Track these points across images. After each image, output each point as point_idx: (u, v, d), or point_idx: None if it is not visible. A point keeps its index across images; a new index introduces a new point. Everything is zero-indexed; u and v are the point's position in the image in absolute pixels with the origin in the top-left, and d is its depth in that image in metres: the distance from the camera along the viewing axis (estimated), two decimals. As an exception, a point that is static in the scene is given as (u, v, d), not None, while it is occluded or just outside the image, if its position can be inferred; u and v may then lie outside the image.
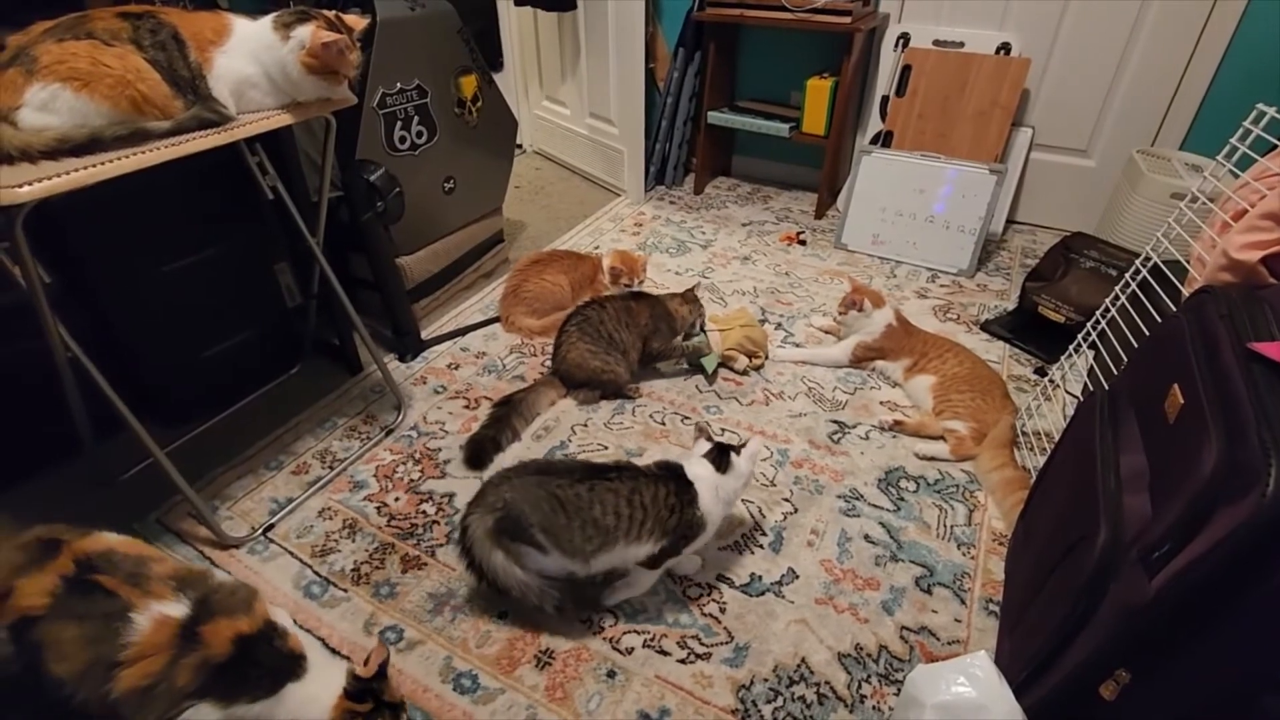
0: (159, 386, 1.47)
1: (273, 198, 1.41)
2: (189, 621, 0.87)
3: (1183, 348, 0.83)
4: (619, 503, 1.08)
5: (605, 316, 1.63)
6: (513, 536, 1.07)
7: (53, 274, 1.23)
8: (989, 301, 2.09)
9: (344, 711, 0.88)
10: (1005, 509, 1.33)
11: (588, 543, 1.07)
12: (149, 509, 1.34)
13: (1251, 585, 0.63)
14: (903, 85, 2.40)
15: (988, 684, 0.81)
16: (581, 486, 1.08)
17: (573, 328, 1.62)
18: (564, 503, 1.06)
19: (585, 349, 1.60)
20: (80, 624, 0.84)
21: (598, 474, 1.11)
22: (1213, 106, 2.15)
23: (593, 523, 1.07)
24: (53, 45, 0.92)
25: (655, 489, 1.10)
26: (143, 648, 0.84)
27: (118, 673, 0.82)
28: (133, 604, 0.86)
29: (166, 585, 0.90)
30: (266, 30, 1.10)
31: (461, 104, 1.89)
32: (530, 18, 2.95)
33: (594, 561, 1.09)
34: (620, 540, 1.08)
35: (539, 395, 1.61)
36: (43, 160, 0.89)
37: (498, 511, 1.07)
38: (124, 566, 0.90)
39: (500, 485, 1.10)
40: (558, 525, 1.06)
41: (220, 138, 1.05)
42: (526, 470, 1.12)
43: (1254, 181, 1.01)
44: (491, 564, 1.07)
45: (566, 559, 1.08)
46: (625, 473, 1.12)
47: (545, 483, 1.08)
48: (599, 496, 1.08)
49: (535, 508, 1.06)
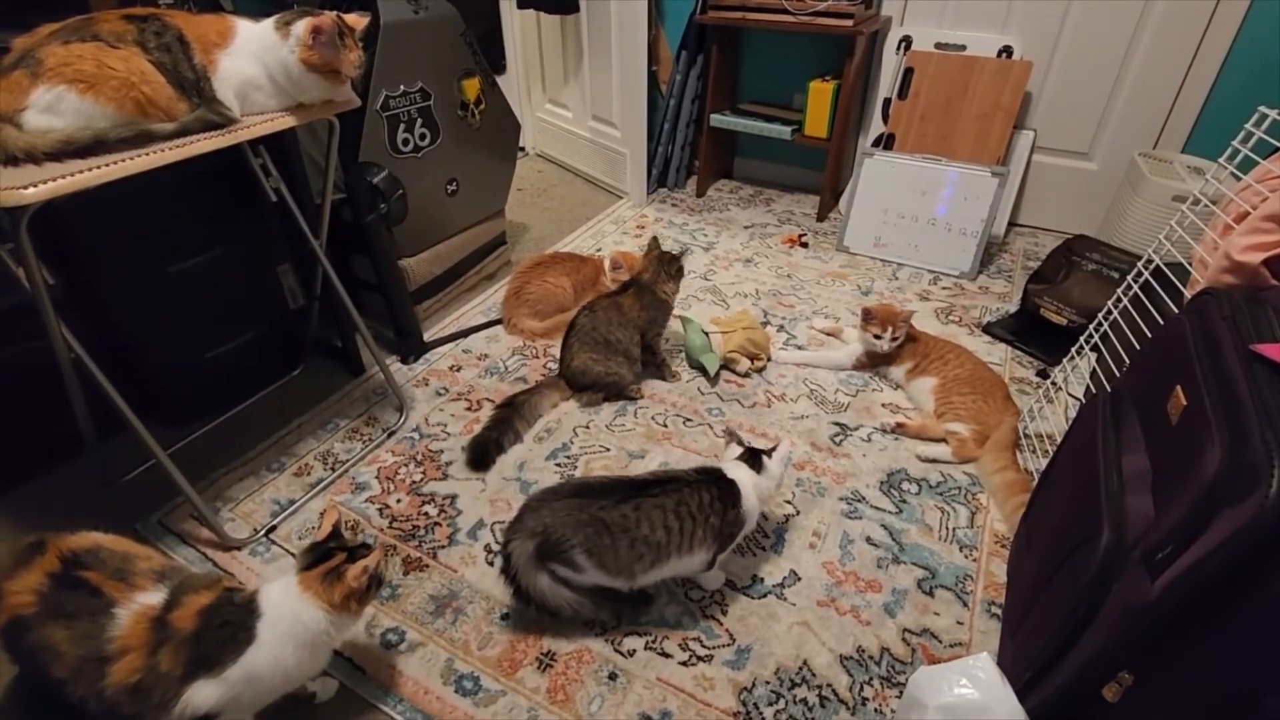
0: (162, 387, 1.47)
1: (276, 200, 1.42)
2: (163, 609, 0.88)
3: (1185, 349, 0.83)
4: (667, 517, 1.07)
5: (598, 321, 1.63)
6: (553, 559, 1.06)
7: (56, 275, 1.24)
8: (991, 304, 2.09)
9: (319, 579, 0.90)
10: (1007, 511, 1.33)
11: (638, 561, 1.06)
12: (151, 510, 1.34)
13: (1254, 586, 0.63)
14: (905, 88, 2.41)
15: (990, 685, 0.80)
16: (626, 506, 1.06)
17: (573, 339, 1.63)
18: (609, 525, 1.05)
19: (587, 358, 1.61)
20: (69, 623, 0.85)
21: (640, 490, 1.09)
22: (1215, 109, 2.15)
23: (643, 540, 1.05)
24: (58, 48, 0.93)
25: (699, 496, 1.09)
26: (125, 642, 0.84)
27: (108, 669, 0.83)
28: (116, 599, 0.87)
29: (149, 578, 0.91)
30: (269, 31, 1.10)
31: (464, 106, 1.89)
32: (533, 20, 2.96)
33: (641, 578, 1.09)
34: (674, 555, 1.07)
35: (542, 397, 1.61)
36: (47, 162, 0.90)
37: (537, 537, 1.05)
38: (110, 562, 0.91)
39: (539, 510, 1.08)
40: (602, 547, 1.05)
41: (224, 140, 1.06)
42: (563, 492, 1.10)
43: (1256, 184, 1.01)
44: (538, 588, 1.06)
45: (610, 577, 1.07)
46: (668, 485, 1.10)
47: (586, 506, 1.06)
48: (645, 514, 1.06)
49: (576, 531, 1.05)
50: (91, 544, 0.93)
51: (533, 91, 3.19)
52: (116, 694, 0.83)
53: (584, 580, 1.08)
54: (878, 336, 1.66)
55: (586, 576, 1.07)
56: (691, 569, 1.12)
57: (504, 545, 1.09)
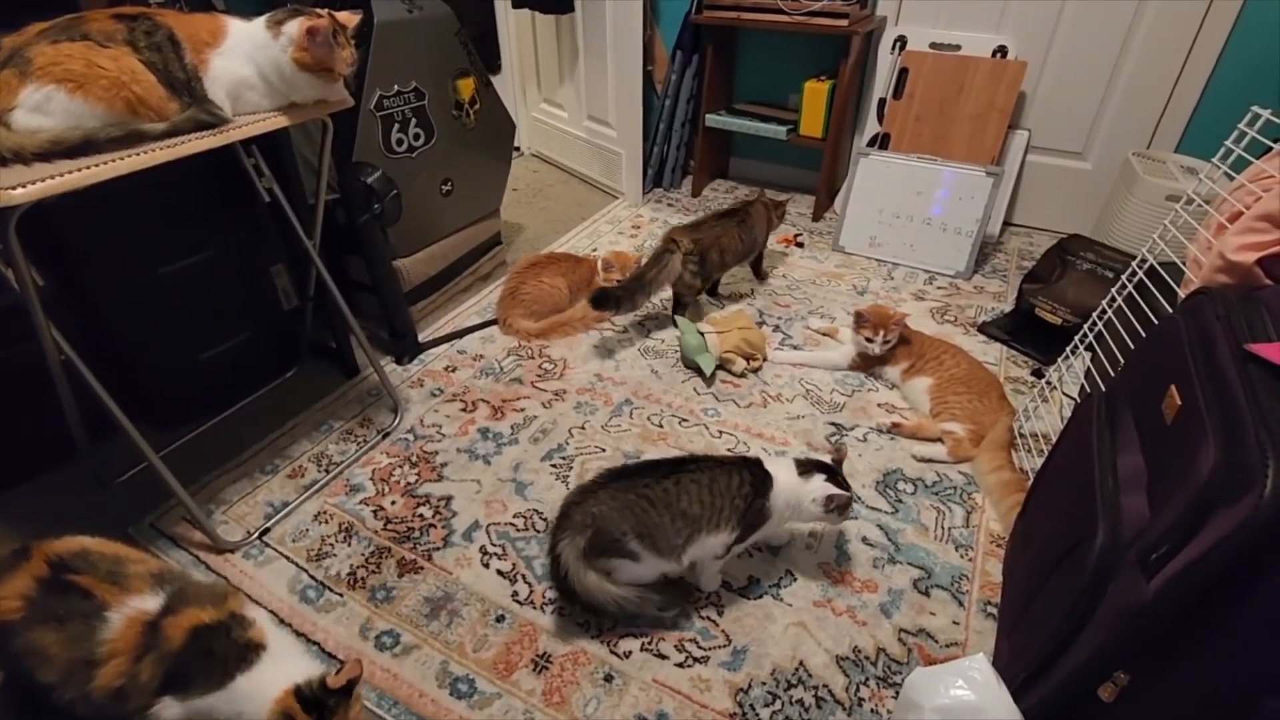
0: (154, 389, 1.46)
1: (269, 200, 1.41)
2: (158, 615, 0.86)
3: (1180, 349, 0.83)
4: (702, 491, 1.10)
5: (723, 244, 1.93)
6: (605, 552, 1.06)
7: (46, 276, 1.22)
8: (986, 303, 2.10)
9: (282, 710, 0.83)
10: (1003, 511, 1.33)
11: (678, 535, 1.08)
12: (144, 513, 1.33)
13: (1250, 586, 0.63)
14: (900, 88, 2.41)
15: (986, 687, 0.80)
16: (668, 481, 1.09)
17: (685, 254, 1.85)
18: (653, 501, 1.07)
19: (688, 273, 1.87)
20: (60, 626, 0.84)
21: (678, 467, 1.12)
22: (1208, 109, 2.16)
23: (681, 514, 1.08)
24: (47, 47, 0.92)
25: (730, 477, 1.12)
26: (115, 645, 0.83)
27: (96, 672, 0.82)
28: (108, 602, 0.86)
29: (145, 581, 0.89)
30: (260, 30, 1.09)
31: (459, 106, 1.89)
32: (528, 20, 2.95)
33: (684, 556, 1.11)
34: (704, 530, 1.10)
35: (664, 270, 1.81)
36: (36, 162, 0.89)
37: (587, 530, 1.06)
38: (101, 565, 0.90)
39: (583, 503, 1.09)
40: (652, 525, 1.07)
41: (216, 140, 1.05)
42: (603, 482, 1.11)
43: (1249, 183, 1.01)
44: (585, 585, 1.06)
45: (661, 559, 1.09)
46: (703, 463, 1.14)
47: (630, 486, 1.09)
48: (684, 488, 1.09)
49: (626, 514, 1.06)
50: (79, 548, 0.92)
51: (528, 91, 3.19)
52: (101, 697, 0.83)
53: (641, 571, 1.09)
54: (870, 340, 1.66)
55: (643, 566, 1.08)
56: (713, 550, 1.13)
57: (551, 546, 1.09)
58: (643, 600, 1.09)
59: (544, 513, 1.35)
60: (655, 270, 1.82)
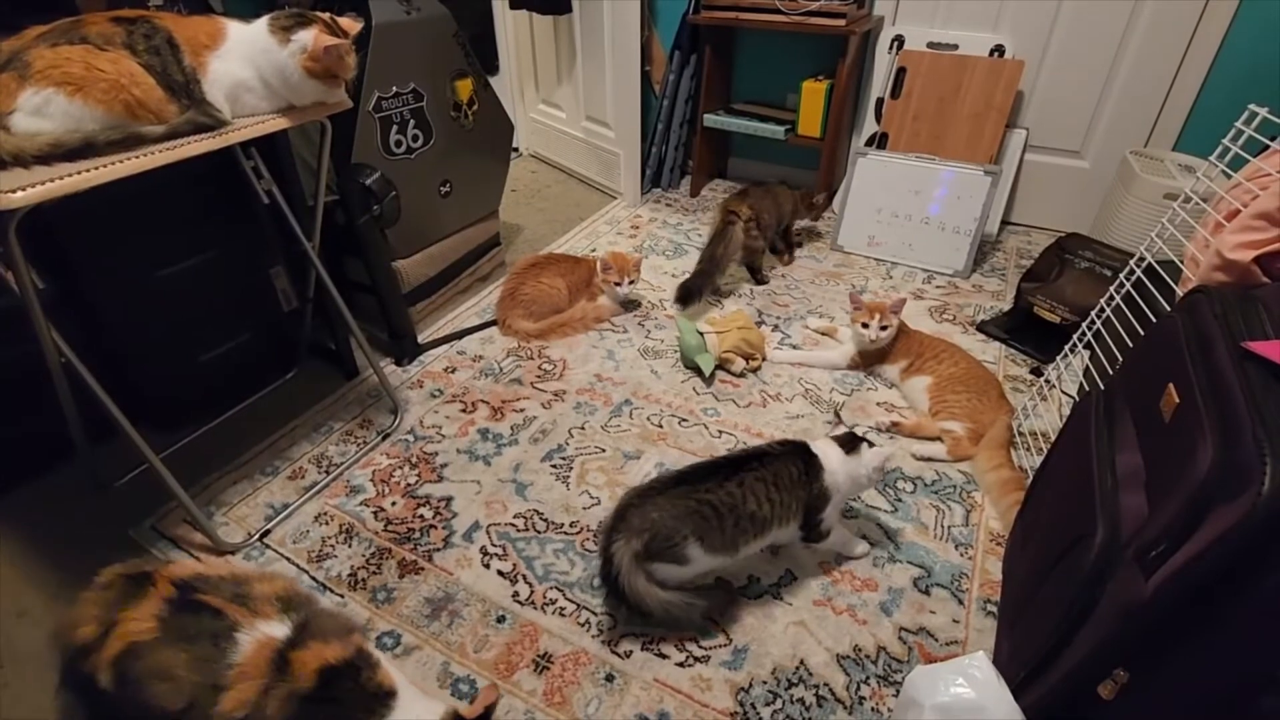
0: (154, 391, 1.47)
1: (268, 202, 1.41)
2: (285, 645, 0.82)
3: (1177, 347, 0.83)
4: (769, 490, 1.10)
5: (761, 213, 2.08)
6: (659, 556, 1.06)
7: (46, 279, 1.23)
8: (985, 302, 2.10)
9: None
10: (1002, 509, 1.33)
11: (742, 536, 1.09)
12: (144, 515, 1.33)
13: (1248, 584, 0.63)
14: (897, 87, 2.41)
15: (986, 685, 0.81)
16: (730, 484, 1.09)
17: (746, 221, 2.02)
18: (716, 506, 1.07)
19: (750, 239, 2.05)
20: (189, 646, 0.80)
21: (739, 468, 1.12)
22: (1205, 107, 2.16)
23: (749, 517, 1.09)
24: (46, 50, 0.92)
25: (789, 468, 1.13)
26: (244, 669, 0.79)
27: (221, 696, 0.78)
28: (239, 622, 0.81)
29: (272, 605, 0.85)
30: (263, 34, 1.09)
31: (457, 107, 1.89)
32: (526, 21, 2.95)
33: (743, 551, 1.12)
34: (774, 526, 1.12)
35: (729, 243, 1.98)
36: (36, 165, 0.89)
37: (645, 534, 1.05)
38: (225, 587, 0.86)
39: (641, 506, 1.08)
40: (710, 530, 1.07)
41: (215, 142, 1.05)
42: (661, 487, 1.10)
43: (1246, 181, 1.01)
44: (635, 588, 1.05)
45: (716, 557, 1.09)
46: (763, 459, 1.14)
47: (691, 492, 1.08)
48: (750, 489, 1.09)
49: (685, 520, 1.06)
50: (193, 571, 0.88)
51: (526, 92, 3.19)
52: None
53: (685, 573, 1.09)
54: (865, 325, 1.66)
55: (691, 567, 1.09)
56: (785, 539, 1.17)
57: (605, 547, 1.08)
58: (690, 607, 1.09)
59: (544, 513, 1.35)
60: (723, 246, 1.98)
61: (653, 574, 1.06)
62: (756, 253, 2.13)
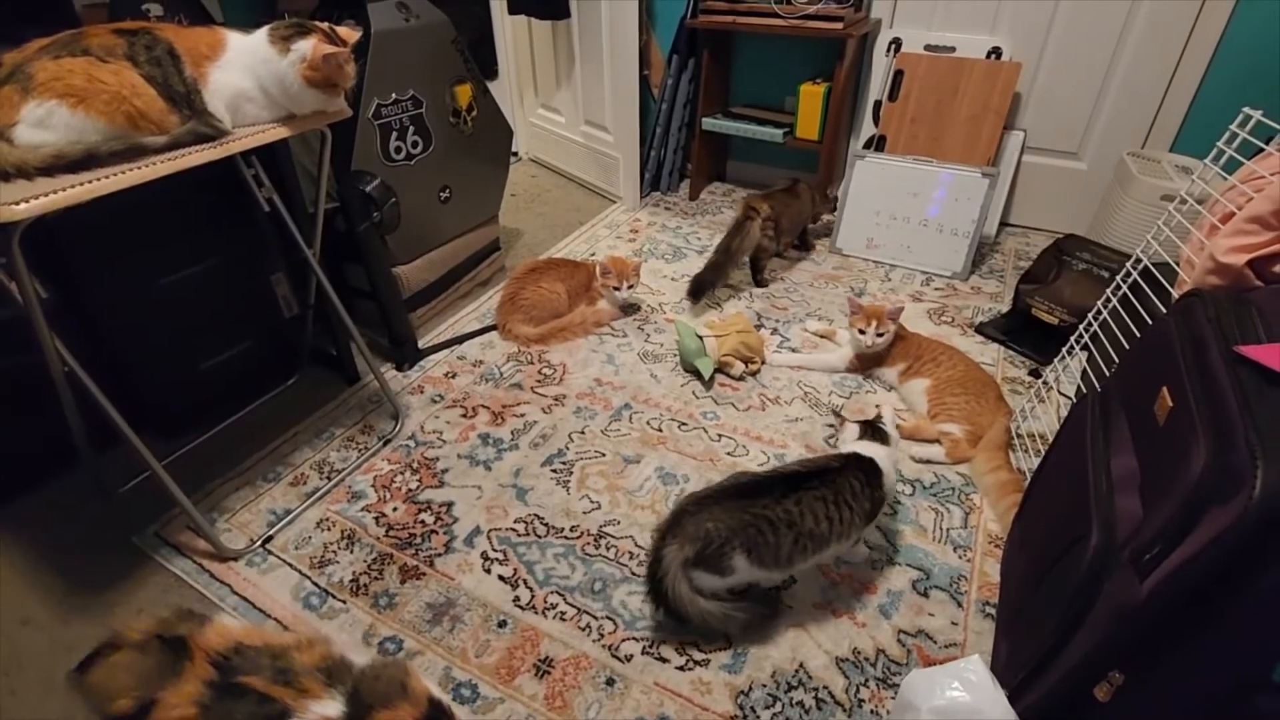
0: (156, 398, 1.47)
1: (269, 209, 1.42)
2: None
3: (1171, 351, 0.84)
4: (828, 508, 1.10)
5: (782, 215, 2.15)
6: (708, 566, 1.06)
7: (49, 288, 1.23)
8: (983, 304, 2.10)
9: None
10: (1000, 511, 1.34)
11: (800, 553, 1.09)
12: (147, 522, 1.34)
13: (1241, 586, 0.64)
14: (895, 90, 2.42)
15: (981, 688, 0.81)
16: (788, 502, 1.08)
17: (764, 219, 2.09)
18: (773, 522, 1.07)
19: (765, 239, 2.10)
20: None
21: (798, 484, 1.11)
22: (1202, 108, 2.16)
23: (807, 534, 1.08)
24: (49, 62, 0.93)
25: (851, 482, 1.13)
26: None
27: None
28: (290, 707, 0.76)
29: (316, 679, 0.79)
30: (263, 44, 1.10)
31: (457, 113, 1.90)
32: (525, 26, 2.96)
33: (797, 566, 1.13)
34: (833, 542, 1.12)
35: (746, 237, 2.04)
36: (39, 177, 0.90)
37: (698, 542, 1.05)
38: (263, 662, 0.80)
39: (698, 514, 1.07)
40: (763, 545, 1.06)
41: (216, 152, 1.06)
42: (719, 497, 1.10)
43: (1241, 184, 1.02)
44: (678, 594, 1.05)
45: (765, 572, 1.10)
46: (823, 476, 1.13)
47: (748, 506, 1.07)
48: (808, 507, 1.09)
49: (739, 533, 1.06)
50: (232, 642, 0.82)
51: (525, 97, 3.20)
52: None
53: (724, 583, 1.10)
54: (862, 331, 1.66)
55: (735, 577, 1.09)
56: (843, 552, 1.18)
57: (656, 548, 1.07)
58: (727, 619, 1.10)
59: (545, 518, 1.36)
60: (738, 239, 2.04)
61: (693, 580, 1.07)
62: (766, 252, 2.16)
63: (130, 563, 1.27)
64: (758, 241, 2.09)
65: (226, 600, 1.19)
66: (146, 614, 1.18)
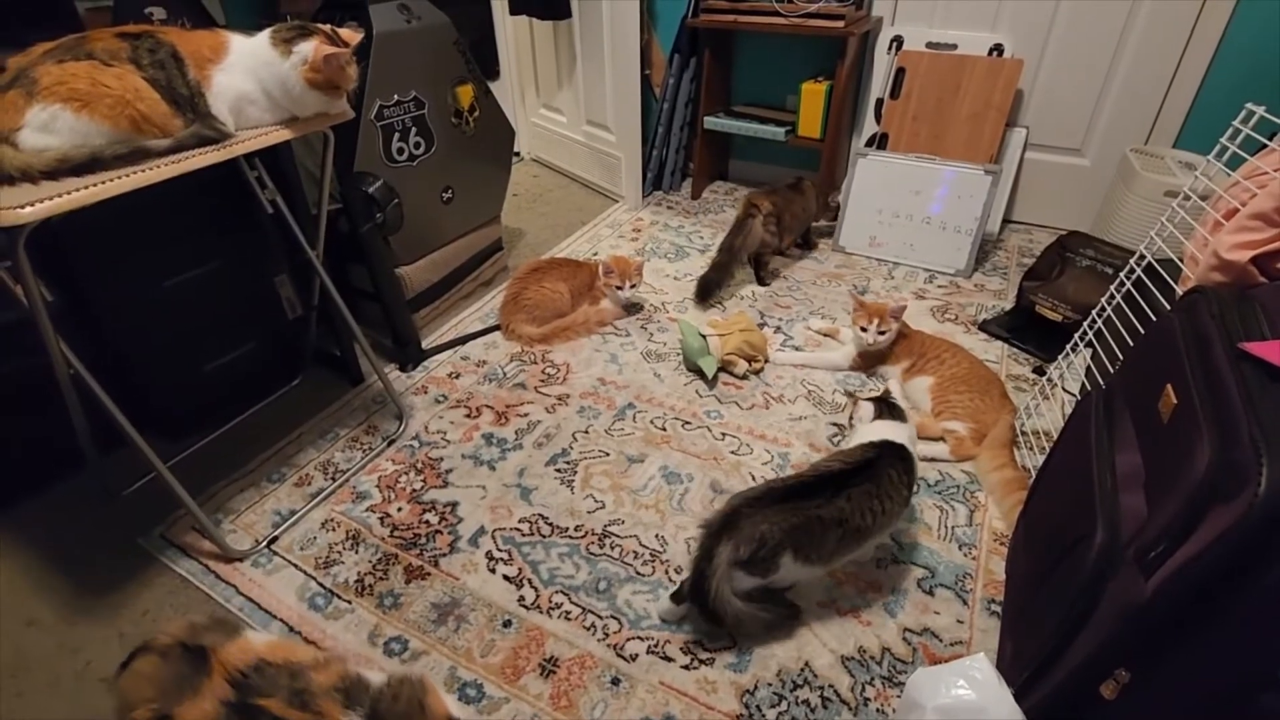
0: (161, 400, 1.48)
1: (272, 211, 1.42)
2: None
3: (1175, 348, 0.83)
4: (873, 502, 1.10)
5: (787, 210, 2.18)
6: (754, 568, 1.06)
7: (54, 291, 1.24)
8: (987, 301, 2.10)
9: None
10: (1005, 509, 1.34)
11: (843, 549, 1.11)
12: (153, 523, 1.34)
13: (1245, 584, 0.64)
14: (897, 88, 2.42)
15: (987, 686, 0.81)
16: (839, 500, 1.08)
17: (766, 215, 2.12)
18: (824, 521, 1.07)
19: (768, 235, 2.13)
20: None
21: (845, 482, 1.11)
22: (1205, 104, 2.16)
23: (853, 530, 1.09)
24: (53, 66, 0.93)
25: (890, 473, 1.14)
26: None
27: None
28: None
29: (334, 701, 0.78)
30: (265, 47, 1.10)
31: (458, 114, 1.90)
32: (526, 26, 2.96)
33: (837, 561, 1.14)
34: (876, 533, 1.12)
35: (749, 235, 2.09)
36: (44, 180, 0.90)
37: (753, 544, 1.04)
38: (281, 682, 0.78)
39: (753, 516, 1.06)
40: (813, 544, 1.07)
41: (220, 154, 1.06)
42: (773, 498, 1.08)
43: (1244, 180, 1.01)
44: (721, 594, 1.04)
45: (805, 569, 1.10)
46: (864, 471, 1.13)
47: (801, 508, 1.07)
48: (857, 504, 1.09)
49: (793, 535, 1.05)
50: (254, 658, 0.80)
51: (527, 97, 3.20)
52: None
53: (767, 582, 1.09)
54: (864, 329, 1.66)
55: (776, 576, 1.08)
56: (881, 542, 1.19)
57: (707, 547, 1.05)
58: (756, 620, 1.10)
59: (549, 517, 1.36)
60: (741, 237, 2.08)
61: (733, 581, 1.06)
62: (769, 249, 2.18)
63: (136, 564, 1.27)
64: (760, 238, 2.11)
65: (232, 601, 1.20)
66: (152, 615, 1.18)
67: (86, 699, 1.07)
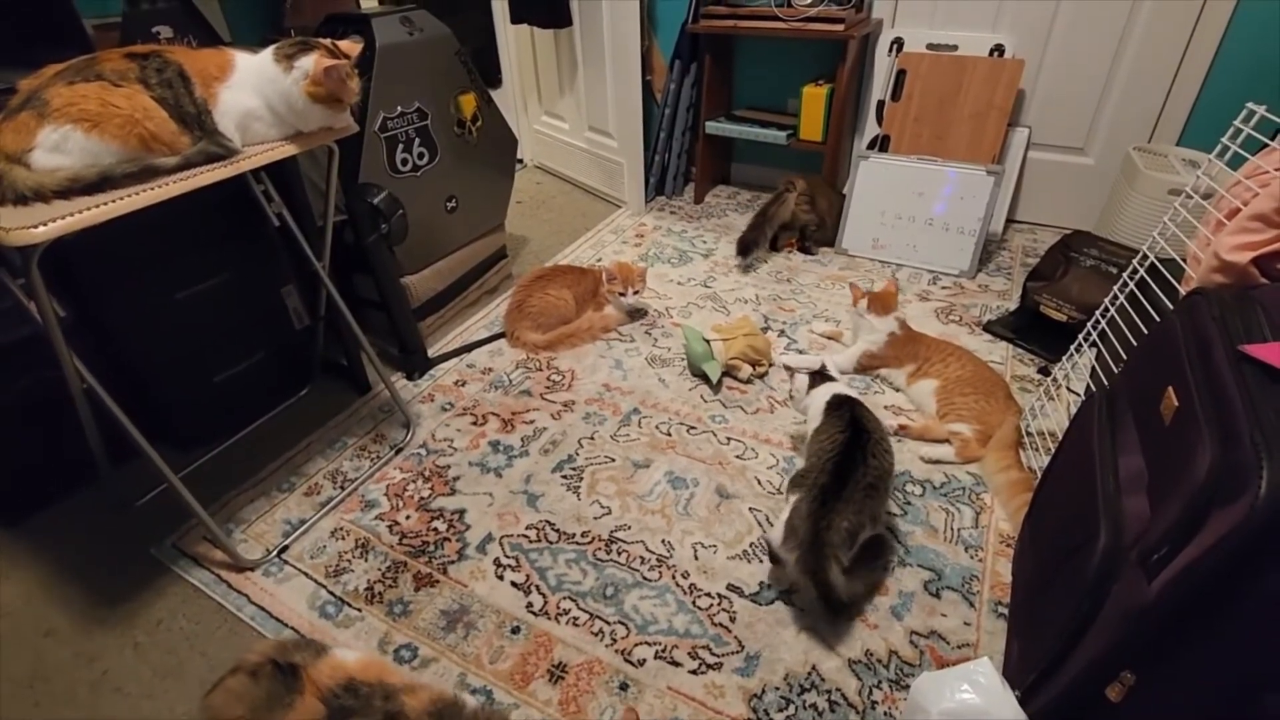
0: (172, 412, 1.50)
1: (279, 224, 1.44)
2: None
3: (1176, 350, 0.84)
4: (878, 443, 1.24)
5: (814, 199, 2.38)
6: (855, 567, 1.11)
7: (67, 307, 1.26)
8: (991, 302, 2.10)
9: None
10: (1011, 510, 1.34)
11: (888, 494, 1.25)
12: (165, 533, 1.36)
13: (1248, 586, 0.64)
14: (898, 89, 2.42)
15: (991, 690, 0.81)
16: (871, 461, 1.20)
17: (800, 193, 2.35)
18: (874, 484, 1.18)
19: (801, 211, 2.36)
20: None
21: (867, 438, 1.23)
22: (1209, 101, 2.15)
23: (886, 473, 1.23)
24: (63, 88, 0.95)
25: (864, 411, 1.29)
26: None
27: None
28: None
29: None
30: (268, 63, 1.12)
31: (461, 124, 1.92)
32: (527, 35, 2.98)
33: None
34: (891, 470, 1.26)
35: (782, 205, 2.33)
36: (56, 200, 0.92)
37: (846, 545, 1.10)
38: (375, 703, 0.77)
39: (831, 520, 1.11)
40: (879, 502, 1.19)
41: (227, 170, 1.08)
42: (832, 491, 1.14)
43: (1246, 180, 1.01)
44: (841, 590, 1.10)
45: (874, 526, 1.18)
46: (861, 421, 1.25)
47: (856, 486, 1.16)
48: (874, 452, 1.22)
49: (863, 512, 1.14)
50: (345, 677, 0.79)
51: (529, 104, 3.22)
52: None
53: None
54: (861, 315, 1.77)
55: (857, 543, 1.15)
56: None
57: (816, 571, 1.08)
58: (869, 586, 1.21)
59: (556, 524, 1.37)
60: (775, 206, 2.33)
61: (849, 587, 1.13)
62: (808, 224, 2.40)
63: (149, 574, 1.29)
64: (792, 211, 2.34)
65: (244, 610, 1.21)
66: (166, 624, 1.20)
67: (103, 708, 1.08)
